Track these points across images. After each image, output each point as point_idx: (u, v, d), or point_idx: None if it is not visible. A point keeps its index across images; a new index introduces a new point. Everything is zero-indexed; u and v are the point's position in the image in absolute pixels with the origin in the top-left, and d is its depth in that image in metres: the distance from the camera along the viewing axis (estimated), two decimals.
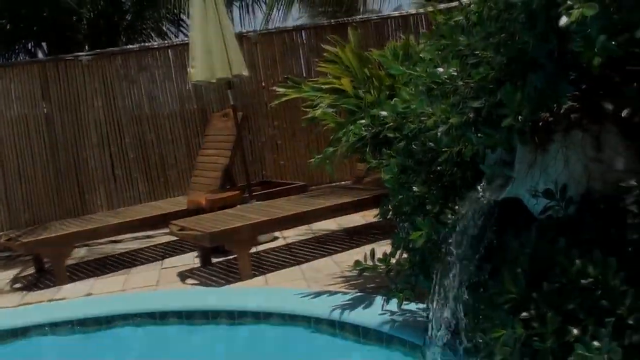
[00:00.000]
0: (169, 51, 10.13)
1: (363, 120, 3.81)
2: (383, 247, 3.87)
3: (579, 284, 2.35)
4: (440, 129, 2.83)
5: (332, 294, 4.50)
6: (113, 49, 10.49)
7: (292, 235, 7.43)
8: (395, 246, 3.50)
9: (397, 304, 3.56)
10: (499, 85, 2.64)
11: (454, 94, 2.89)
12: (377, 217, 3.96)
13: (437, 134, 2.89)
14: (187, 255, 7.20)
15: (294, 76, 7.81)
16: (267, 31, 10.70)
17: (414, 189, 3.21)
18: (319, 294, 4.54)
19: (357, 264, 3.72)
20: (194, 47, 7.54)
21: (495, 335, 2.42)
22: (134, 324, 4.94)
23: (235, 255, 6.25)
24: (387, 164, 3.47)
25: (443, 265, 2.90)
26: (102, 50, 10.21)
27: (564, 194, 2.65)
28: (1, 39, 11.76)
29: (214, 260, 6.72)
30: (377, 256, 3.70)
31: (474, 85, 2.79)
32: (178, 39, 12.93)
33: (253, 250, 6.50)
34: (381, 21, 10.56)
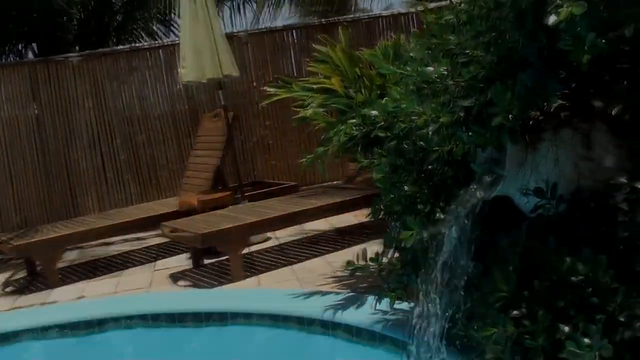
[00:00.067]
0: (159, 52, 10.11)
1: (354, 119, 3.81)
2: (375, 247, 3.87)
3: (569, 281, 2.36)
4: (430, 128, 2.83)
5: (324, 294, 4.49)
6: (103, 49, 10.47)
7: (284, 235, 7.42)
8: (387, 246, 3.50)
9: (389, 304, 3.56)
10: (489, 84, 2.64)
11: (444, 93, 2.89)
12: (368, 217, 3.96)
13: (427, 133, 2.90)
14: (179, 256, 7.19)
15: (284, 76, 7.81)
16: (258, 31, 10.69)
17: (405, 188, 3.21)
18: (311, 295, 4.53)
19: (349, 264, 3.72)
20: (184, 48, 7.53)
21: (487, 333, 2.42)
22: (126, 326, 4.92)
23: (227, 257, 6.24)
24: (378, 164, 3.47)
25: (434, 264, 2.90)
26: (92, 51, 10.19)
27: (555, 193, 2.66)
28: None
29: (206, 262, 6.71)
30: (369, 256, 3.69)
31: (464, 84, 2.79)
32: (168, 40, 12.90)
33: (245, 251, 6.49)
34: (372, 20, 10.57)
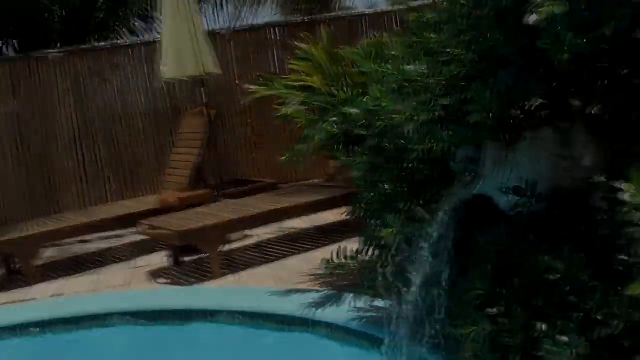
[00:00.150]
0: (140, 49, 10.02)
1: (334, 117, 3.80)
2: (355, 245, 3.86)
3: (547, 280, 2.36)
4: (410, 127, 2.83)
5: (303, 292, 4.50)
6: (84, 46, 10.38)
7: (263, 233, 7.39)
8: (366, 244, 3.50)
9: (367, 301, 3.56)
10: (470, 83, 2.65)
11: (424, 91, 2.89)
12: (348, 215, 3.96)
13: (407, 131, 2.89)
14: (158, 254, 7.13)
15: (267, 74, 7.78)
16: (240, 28, 10.66)
17: (384, 186, 3.21)
18: (290, 292, 4.53)
19: (327, 262, 3.72)
20: (165, 45, 7.49)
21: (465, 331, 2.42)
22: (105, 324, 4.90)
23: (206, 254, 6.21)
24: (358, 162, 3.47)
25: (414, 262, 2.90)
26: (73, 48, 10.09)
27: (534, 191, 2.67)
28: None
29: (185, 259, 6.67)
30: (347, 254, 3.69)
31: (444, 83, 2.79)
32: (150, 36, 12.82)
33: (224, 248, 6.46)
34: (355, 19, 10.55)
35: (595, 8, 2.33)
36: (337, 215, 7.06)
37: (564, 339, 2.26)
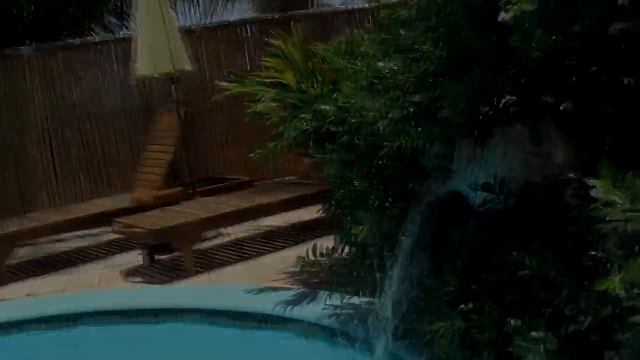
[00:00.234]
0: (112, 46, 9.94)
1: (305, 114, 3.79)
2: (330, 243, 3.86)
3: (517, 276, 2.37)
4: (380, 124, 2.83)
5: (277, 290, 4.48)
6: (56, 43, 10.27)
7: (238, 231, 7.36)
8: (338, 241, 3.49)
9: (341, 299, 3.56)
10: (439, 80, 2.65)
11: (395, 88, 2.89)
12: (322, 213, 3.95)
13: (378, 128, 2.89)
14: (131, 253, 7.08)
15: (240, 71, 7.76)
16: (213, 25, 10.60)
17: (355, 183, 3.21)
18: (264, 290, 4.52)
19: (300, 260, 3.71)
20: (138, 42, 7.42)
21: (435, 328, 2.43)
22: (75, 324, 4.86)
23: (181, 253, 6.18)
24: (330, 159, 3.47)
25: (386, 259, 2.91)
26: (44, 44, 9.98)
27: (503, 188, 2.68)
28: None
29: (159, 258, 6.63)
30: (321, 251, 3.69)
31: (414, 80, 2.79)
32: (123, 33, 12.72)
33: (198, 247, 6.44)
34: (328, 16, 10.54)
35: (564, 6, 2.34)
36: (312, 212, 7.07)
37: (534, 334, 2.27)
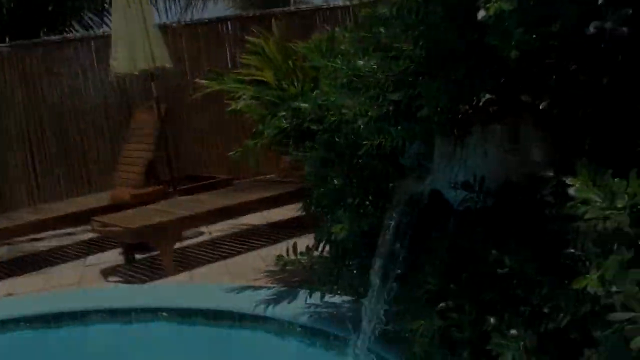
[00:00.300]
0: (91, 42, 9.87)
1: (284, 112, 3.78)
2: (309, 241, 3.85)
3: (495, 274, 2.37)
4: (360, 122, 2.82)
5: (257, 288, 4.47)
6: (34, 40, 10.18)
7: (217, 230, 7.34)
8: (318, 239, 3.49)
9: (320, 297, 3.55)
10: (418, 78, 2.64)
11: (374, 86, 2.88)
12: (300, 211, 3.94)
13: (357, 126, 2.88)
14: (110, 252, 7.04)
15: (219, 68, 7.72)
16: (192, 22, 10.55)
17: (334, 181, 3.20)
18: (244, 289, 4.50)
19: (279, 258, 3.69)
20: (116, 38, 7.37)
21: (414, 326, 2.43)
22: (55, 324, 4.82)
23: (159, 252, 6.14)
24: (309, 157, 3.45)
25: (365, 257, 2.90)
26: (22, 41, 9.89)
27: (482, 186, 2.67)
28: None
29: (138, 257, 6.59)
30: (300, 250, 3.67)
31: (393, 78, 2.78)
32: (102, 30, 12.64)
33: (177, 245, 6.40)
34: (309, 13, 10.52)
35: (543, 4, 2.34)
36: (292, 211, 7.06)
37: (512, 332, 2.27)
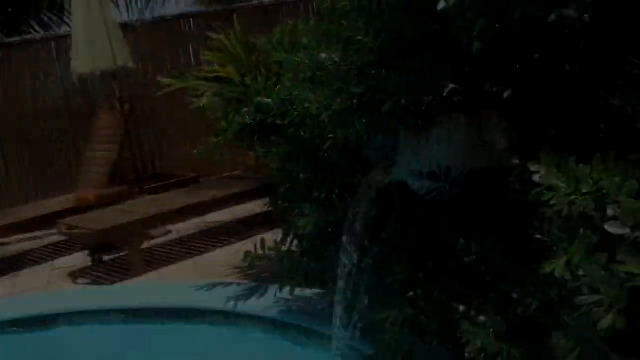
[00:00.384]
0: (52, 43, 9.73)
1: (246, 108, 3.76)
2: (277, 235, 3.84)
3: (463, 261, 2.39)
4: (323, 115, 2.82)
5: (226, 285, 4.46)
6: None
7: (185, 228, 7.30)
8: (285, 234, 3.49)
9: (290, 291, 3.55)
10: (381, 71, 2.65)
11: (337, 79, 2.88)
12: (269, 206, 3.94)
13: (321, 120, 2.88)
14: (77, 254, 6.96)
15: (183, 65, 7.68)
16: (154, 19, 10.45)
17: (301, 176, 3.20)
18: (213, 286, 4.49)
19: (247, 254, 3.68)
20: (77, 38, 7.30)
21: (384, 316, 2.44)
22: (22, 328, 4.77)
23: (127, 252, 6.10)
24: (274, 152, 3.45)
25: (333, 250, 2.91)
26: None
27: (448, 176, 2.69)
28: None
29: (106, 258, 6.53)
30: (269, 245, 3.67)
31: (356, 71, 2.79)
32: (62, 30, 12.47)
33: (145, 245, 6.36)
34: (272, 7, 10.46)
35: None
36: (259, 206, 7.05)
37: (481, 318, 2.29)
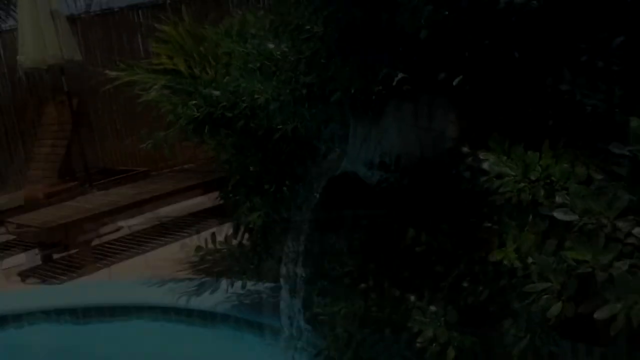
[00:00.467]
0: None
1: (195, 100, 3.70)
2: (229, 229, 3.80)
3: (414, 251, 2.37)
4: (272, 107, 2.79)
5: (178, 281, 4.41)
6: None
7: (136, 223, 7.19)
8: (236, 228, 3.45)
9: (242, 286, 3.52)
10: (330, 60, 2.62)
11: (286, 70, 2.85)
12: (220, 199, 3.89)
13: (270, 111, 2.85)
14: (27, 253, 6.81)
15: (132, 58, 7.54)
16: (102, 11, 10.25)
17: (251, 168, 3.16)
18: (165, 283, 4.44)
19: (198, 249, 3.63)
20: (23, 32, 7.13)
21: (336, 308, 2.42)
22: None
23: (78, 249, 5.99)
24: (224, 144, 3.40)
25: (283, 243, 2.88)
26: None
27: (398, 165, 2.68)
28: None
29: (56, 256, 6.40)
30: (220, 239, 3.62)
31: (305, 61, 2.76)
32: (8, 25, 12.19)
33: (96, 242, 6.26)
34: None
35: None
36: (211, 200, 6.98)
37: (432, 308, 2.28)
